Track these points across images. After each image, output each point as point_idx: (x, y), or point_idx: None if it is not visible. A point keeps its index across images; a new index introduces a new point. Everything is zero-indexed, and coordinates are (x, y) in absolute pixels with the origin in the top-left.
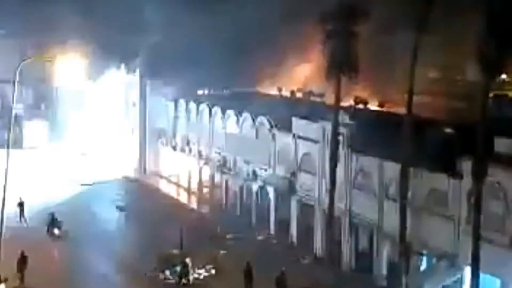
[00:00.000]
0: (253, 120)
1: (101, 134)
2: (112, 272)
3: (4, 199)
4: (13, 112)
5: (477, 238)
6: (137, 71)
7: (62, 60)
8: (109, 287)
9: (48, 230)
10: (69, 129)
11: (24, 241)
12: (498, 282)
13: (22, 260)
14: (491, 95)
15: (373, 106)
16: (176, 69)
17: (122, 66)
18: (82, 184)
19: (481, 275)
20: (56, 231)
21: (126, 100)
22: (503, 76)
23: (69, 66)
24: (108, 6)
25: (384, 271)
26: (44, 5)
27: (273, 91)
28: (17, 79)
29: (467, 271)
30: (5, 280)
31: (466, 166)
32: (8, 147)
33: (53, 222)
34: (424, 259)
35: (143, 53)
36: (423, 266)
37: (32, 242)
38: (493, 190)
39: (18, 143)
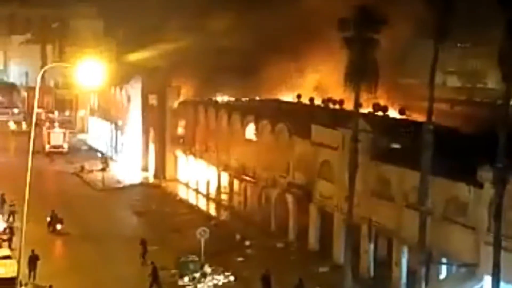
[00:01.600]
0: (272, 127)
1: (121, 139)
2: (127, 274)
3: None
4: (35, 117)
5: (497, 247)
6: (157, 76)
7: (83, 66)
8: None
9: (49, 226)
10: (89, 134)
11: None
12: None
13: (33, 258)
14: None
15: (392, 114)
16: (196, 75)
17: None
18: (100, 190)
19: (502, 285)
20: (58, 226)
21: (146, 105)
22: None
23: (90, 72)
24: (131, 11)
25: (403, 280)
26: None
27: (292, 98)
28: (39, 84)
29: (488, 280)
30: (26, 285)
31: (486, 174)
32: (30, 152)
33: (54, 219)
34: (444, 267)
35: (164, 58)
36: (442, 275)
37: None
38: None
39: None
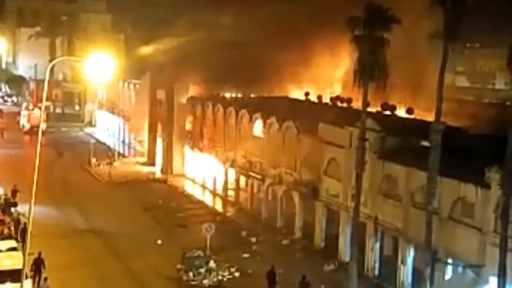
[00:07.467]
0: (280, 125)
1: (129, 134)
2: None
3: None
4: (43, 110)
5: (504, 249)
6: (166, 71)
7: (91, 60)
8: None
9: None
10: (97, 128)
11: None
12: None
13: (24, 231)
14: None
15: (400, 113)
16: (205, 71)
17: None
18: (107, 183)
19: (508, 286)
20: None
21: (154, 100)
22: None
23: (98, 66)
24: (140, 6)
25: (409, 279)
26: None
27: (301, 96)
28: (48, 77)
29: (494, 282)
30: (32, 277)
31: (494, 175)
32: (39, 145)
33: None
34: (450, 268)
35: (173, 53)
36: (448, 276)
37: None
38: None
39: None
